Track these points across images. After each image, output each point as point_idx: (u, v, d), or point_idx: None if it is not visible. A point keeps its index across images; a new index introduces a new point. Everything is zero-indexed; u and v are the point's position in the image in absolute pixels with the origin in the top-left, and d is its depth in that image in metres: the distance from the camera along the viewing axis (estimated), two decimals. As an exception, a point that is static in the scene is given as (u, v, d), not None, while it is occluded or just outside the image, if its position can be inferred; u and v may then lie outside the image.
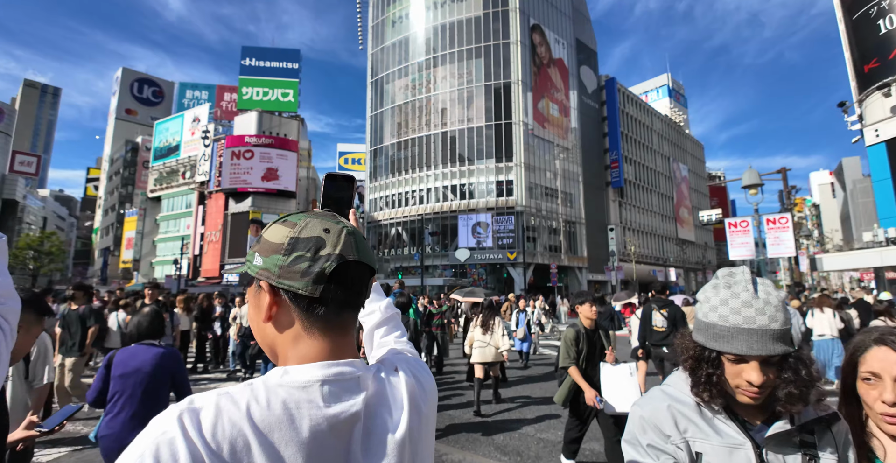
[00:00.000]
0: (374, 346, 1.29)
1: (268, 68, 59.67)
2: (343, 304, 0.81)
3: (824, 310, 8.83)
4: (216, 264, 50.21)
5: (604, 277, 50.55)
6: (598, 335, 4.60)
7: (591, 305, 4.53)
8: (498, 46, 45.48)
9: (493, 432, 5.91)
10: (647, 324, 6.53)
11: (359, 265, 0.82)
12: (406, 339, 1.29)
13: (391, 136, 50.23)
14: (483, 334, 7.18)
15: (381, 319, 1.31)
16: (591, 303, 4.54)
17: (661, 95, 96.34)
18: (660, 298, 6.72)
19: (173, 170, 60.92)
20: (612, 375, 4.23)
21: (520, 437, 5.71)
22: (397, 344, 1.24)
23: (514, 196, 42.85)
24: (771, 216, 13.61)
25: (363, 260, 0.83)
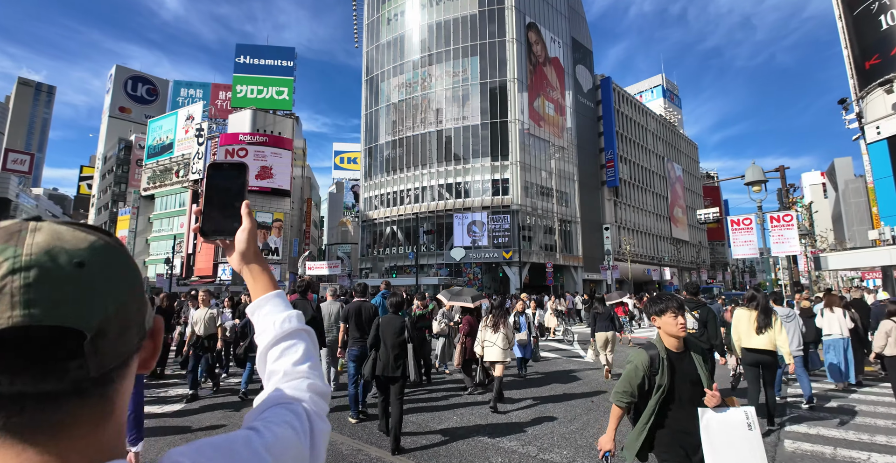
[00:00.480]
0: (265, 373, 0.91)
1: (262, 66, 59.19)
2: (20, 396, 0.46)
3: (834, 310, 8.69)
4: (210, 263, 49.76)
5: (599, 277, 50.38)
6: (692, 362, 2.97)
7: (676, 315, 2.93)
8: (493, 44, 45.24)
9: (491, 453, 5.31)
10: None
11: (37, 329, 0.45)
12: (308, 367, 0.89)
13: (386, 135, 49.92)
14: (493, 334, 7.45)
15: (275, 336, 0.92)
16: (675, 312, 2.94)
17: (656, 96, 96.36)
18: (691, 299, 6.68)
19: (167, 168, 60.38)
20: (718, 425, 2.75)
21: (521, 458, 5.17)
22: (287, 380, 0.86)
23: (510, 195, 42.60)
24: (775, 214, 13.33)
25: (27, 322, 0.45)
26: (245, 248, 0.97)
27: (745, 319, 6.19)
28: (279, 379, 0.86)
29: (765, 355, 5.95)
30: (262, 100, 57.67)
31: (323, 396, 0.86)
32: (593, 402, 7.32)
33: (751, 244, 14.04)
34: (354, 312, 6.87)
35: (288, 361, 0.89)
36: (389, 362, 5.46)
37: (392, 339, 5.55)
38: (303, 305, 7.03)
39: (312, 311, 7.14)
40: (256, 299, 0.96)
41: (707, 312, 6.33)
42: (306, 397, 0.82)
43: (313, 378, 0.87)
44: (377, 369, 5.49)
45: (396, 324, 5.68)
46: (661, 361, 2.90)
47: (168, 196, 60.23)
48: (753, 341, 6.01)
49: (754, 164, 14.09)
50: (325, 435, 0.78)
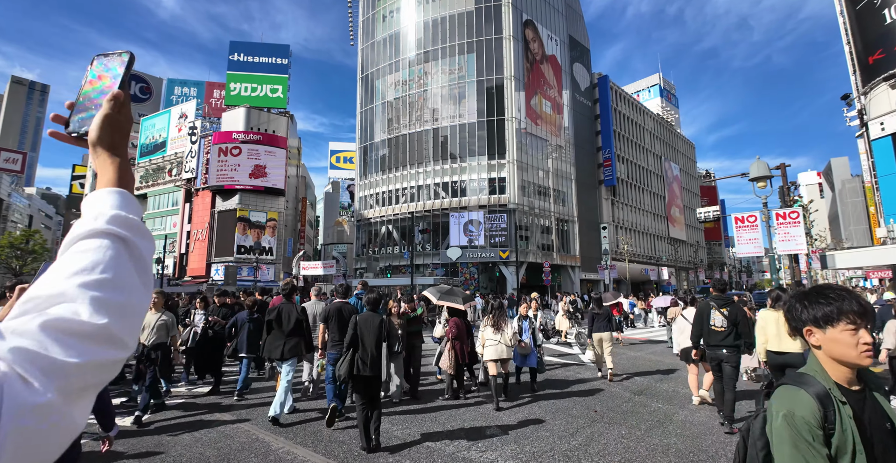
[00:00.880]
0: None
1: (256, 64, 58.59)
2: None
3: None
4: (203, 263, 49.15)
5: (596, 276, 49.94)
6: (876, 405, 1.60)
7: (857, 326, 1.56)
8: (490, 42, 44.71)
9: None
10: (704, 323, 6.23)
11: None
12: (79, 287, 0.60)
13: (381, 133, 49.34)
14: (494, 334, 7.63)
15: (71, 238, 0.68)
16: (856, 322, 1.56)
17: (653, 95, 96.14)
18: (720, 296, 6.38)
19: (159, 167, 59.69)
20: None
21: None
22: (26, 312, 0.57)
23: (507, 194, 42.10)
24: (781, 211, 12.84)
25: None
26: (95, 133, 0.82)
27: (772, 321, 6.01)
28: (28, 306, 0.58)
29: (795, 359, 5.78)
30: (256, 98, 57.07)
31: (76, 336, 0.56)
32: (596, 412, 6.78)
33: (755, 242, 13.54)
34: (335, 314, 6.56)
35: (59, 275, 0.62)
36: (368, 362, 5.24)
37: (370, 337, 5.34)
38: (287, 308, 6.76)
39: (297, 314, 6.83)
40: (90, 194, 0.81)
41: (737, 310, 6.07)
42: (16, 346, 0.53)
43: (69, 307, 0.58)
44: (355, 369, 5.23)
45: (374, 322, 5.45)
46: (837, 407, 1.54)
47: (161, 195, 59.55)
48: (784, 344, 5.85)
49: (759, 159, 13.60)
50: (25, 416, 0.50)
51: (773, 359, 5.99)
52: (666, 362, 11.70)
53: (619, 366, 9.84)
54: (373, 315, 5.60)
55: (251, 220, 49.23)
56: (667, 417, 6.49)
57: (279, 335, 6.63)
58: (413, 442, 5.61)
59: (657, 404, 7.28)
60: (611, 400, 7.47)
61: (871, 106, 20.20)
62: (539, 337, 8.86)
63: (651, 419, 6.39)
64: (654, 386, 8.76)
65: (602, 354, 9.53)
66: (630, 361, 11.87)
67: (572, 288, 46.53)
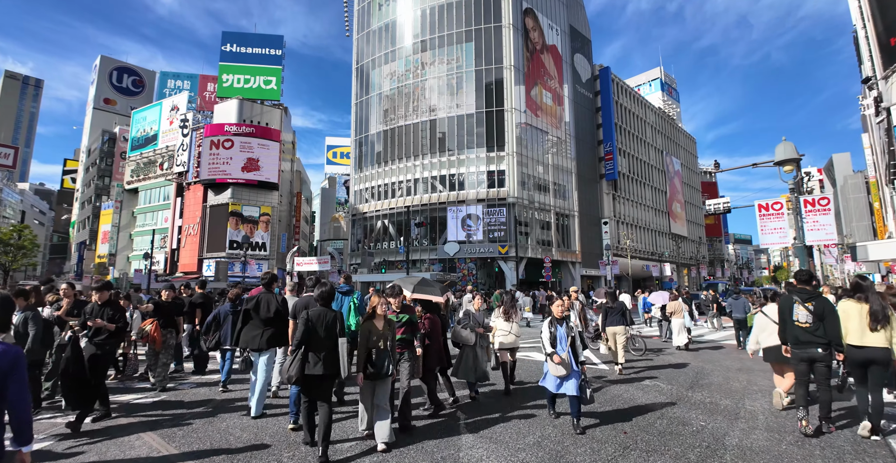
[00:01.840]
0: None
1: (250, 55, 57.21)
2: None
3: None
4: (195, 259, 48.02)
5: (597, 272, 48.81)
6: None
7: None
8: (489, 30, 43.36)
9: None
10: (787, 319, 5.88)
11: None
12: None
13: (377, 125, 48.03)
14: (505, 323, 8.15)
15: None
16: None
17: (654, 89, 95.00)
18: (803, 289, 5.88)
19: (151, 160, 58.43)
20: None
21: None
22: None
23: (506, 187, 40.87)
24: (809, 197, 11.67)
25: None
26: None
27: (855, 313, 5.56)
28: None
29: (878, 353, 5.36)
30: (250, 89, 55.75)
31: None
32: (626, 434, 5.46)
33: (781, 232, 12.35)
34: (304, 308, 5.96)
35: None
36: (320, 360, 4.93)
37: (323, 334, 5.01)
38: (266, 297, 6.52)
39: (277, 304, 6.59)
40: None
41: (823, 304, 5.63)
42: None
43: None
44: (306, 368, 4.90)
45: (327, 318, 5.10)
46: None
47: (152, 189, 58.36)
48: (867, 338, 5.41)
49: (785, 140, 12.41)
50: None
51: (854, 354, 5.53)
52: (672, 358, 11.58)
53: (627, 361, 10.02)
54: (325, 310, 5.19)
55: (244, 215, 48.04)
56: (717, 440, 5.20)
57: (257, 324, 6.39)
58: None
59: (698, 420, 6.01)
60: (640, 416, 6.16)
61: (892, 90, 19.02)
62: (580, 350, 5.95)
63: (698, 443, 5.09)
64: (685, 395, 7.47)
65: (615, 348, 9.71)
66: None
67: (573, 284, 45.43)
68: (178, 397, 7.53)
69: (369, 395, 5.28)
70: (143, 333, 8.11)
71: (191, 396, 7.64)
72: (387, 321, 5.38)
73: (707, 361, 11.13)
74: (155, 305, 8.46)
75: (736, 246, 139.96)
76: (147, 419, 6.23)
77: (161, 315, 8.44)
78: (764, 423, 5.97)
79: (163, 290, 9.21)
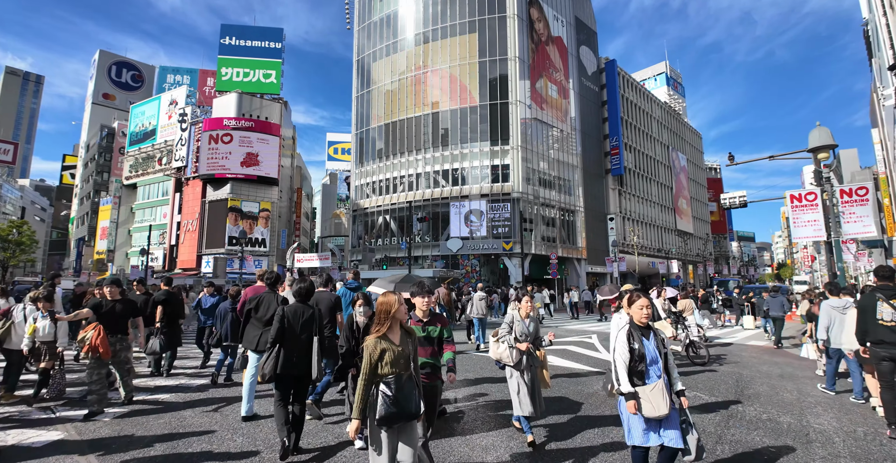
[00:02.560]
0: None
1: (249, 48, 56.32)
2: None
3: None
4: (193, 255, 47.27)
5: (603, 269, 47.84)
6: None
7: None
8: (493, 20, 42.27)
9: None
10: (869, 318, 5.44)
11: None
12: None
13: (378, 119, 47.04)
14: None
15: None
16: None
17: (659, 83, 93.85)
18: (886, 286, 5.36)
19: (149, 155, 57.58)
20: None
21: None
22: None
23: (511, 182, 39.88)
24: (846, 187, 10.71)
25: None
26: None
27: None
28: None
29: None
30: (249, 83, 54.92)
31: None
32: None
33: (815, 225, 11.36)
34: (316, 305, 5.56)
35: None
36: (294, 359, 4.73)
37: (299, 332, 4.82)
38: (268, 298, 6.18)
39: (278, 304, 6.11)
40: None
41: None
42: None
43: None
44: (280, 367, 4.68)
45: (304, 315, 4.91)
46: None
47: (151, 185, 57.52)
48: None
49: (819, 125, 11.42)
50: None
51: None
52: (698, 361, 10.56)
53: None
54: (303, 307, 4.98)
55: (243, 211, 47.20)
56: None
57: (258, 325, 6.17)
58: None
59: (765, 444, 5.02)
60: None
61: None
62: (676, 375, 3.81)
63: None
64: (736, 411, 6.47)
65: None
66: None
67: (578, 281, 44.48)
68: (141, 425, 5.77)
69: (388, 455, 3.24)
70: (84, 342, 6.21)
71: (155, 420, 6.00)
72: (405, 333, 3.53)
73: (741, 366, 10.20)
74: (94, 308, 6.58)
75: (739, 244, 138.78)
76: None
77: (107, 318, 6.59)
78: (845, 448, 5.00)
79: (134, 282, 8.71)
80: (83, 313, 6.58)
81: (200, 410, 6.51)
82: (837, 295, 7.83)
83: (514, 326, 5.30)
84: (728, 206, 21.47)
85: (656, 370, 3.67)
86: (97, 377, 6.19)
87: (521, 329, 5.30)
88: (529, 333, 5.33)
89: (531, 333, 5.35)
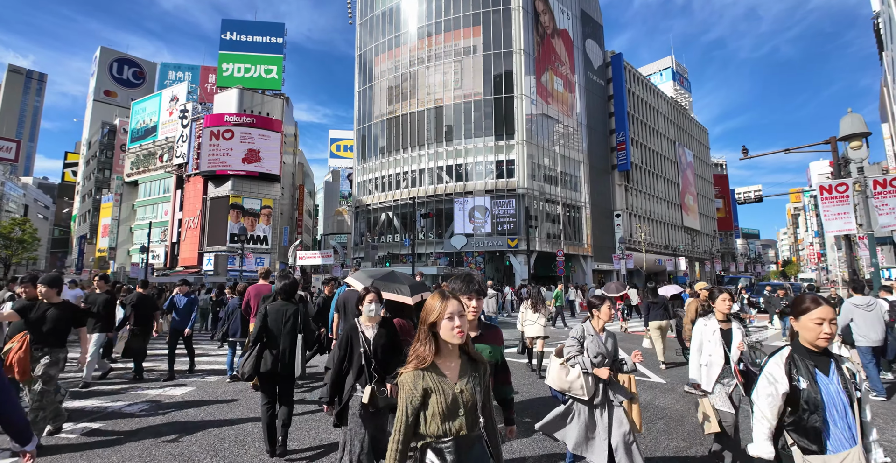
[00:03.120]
0: None
1: (250, 43, 55.61)
2: None
3: None
4: (195, 252, 46.86)
5: (609, 266, 47.08)
6: None
7: None
8: (498, 13, 41.48)
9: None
10: None
11: None
12: None
13: (380, 114, 46.35)
14: (533, 314, 8.90)
15: None
16: None
17: (665, 78, 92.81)
18: None
19: (150, 152, 57.11)
20: None
21: None
22: None
23: (516, 177, 39.16)
24: (880, 177, 10.00)
25: None
26: None
27: None
28: None
29: None
30: (250, 79, 54.22)
31: None
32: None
33: (845, 218, 10.68)
34: (344, 302, 5.92)
35: None
36: (277, 357, 4.56)
37: (280, 330, 4.65)
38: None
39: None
40: None
41: None
42: None
43: None
44: (262, 366, 4.54)
45: (287, 313, 4.73)
46: None
47: (152, 182, 57.08)
48: None
49: (851, 112, 10.70)
50: None
51: None
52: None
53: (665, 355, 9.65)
54: (285, 304, 4.80)
55: (244, 208, 46.69)
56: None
57: None
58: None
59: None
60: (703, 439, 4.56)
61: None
62: (875, 444, 2.29)
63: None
64: None
65: (660, 341, 9.73)
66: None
67: (584, 279, 43.77)
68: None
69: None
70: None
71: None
72: (469, 360, 2.09)
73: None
74: (21, 311, 4.96)
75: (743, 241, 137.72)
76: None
77: (35, 327, 4.92)
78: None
79: (95, 277, 7.95)
80: (3, 315, 5.18)
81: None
82: (861, 292, 7.78)
83: (585, 342, 3.79)
84: (743, 200, 20.80)
85: (844, 427, 2.23)
86: (38, 398, 4.89)
87: (596, 347, 3.71)
88: (608, 353, 3.74)
89: (610, 353, 3.76)
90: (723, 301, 4.21)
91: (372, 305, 3.79)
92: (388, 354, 3.76)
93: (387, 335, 3.80)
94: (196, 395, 7.16)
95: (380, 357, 3.70)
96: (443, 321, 1.98)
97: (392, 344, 3.80)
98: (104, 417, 5.93)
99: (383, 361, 3.70)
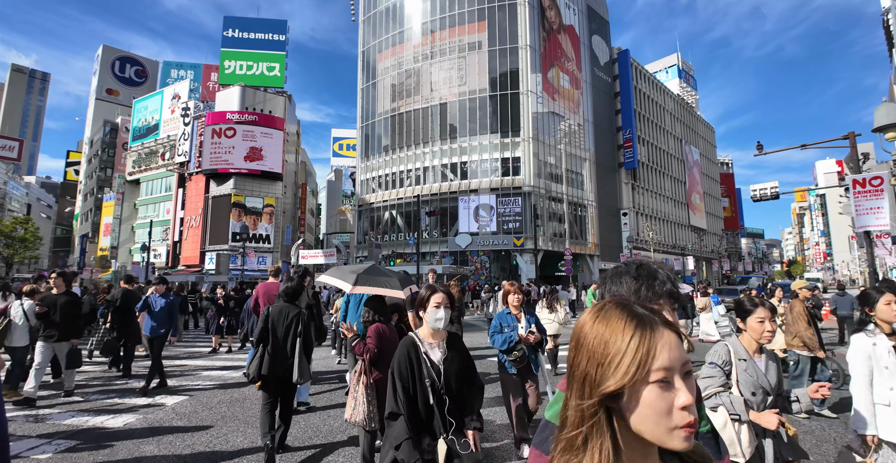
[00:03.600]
0: None
1: (252, 40, 55.14)
2: None
3: None
4: (197, 251, 46.47)
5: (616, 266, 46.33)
6: None
7: None
8: (503, 8, 40.82)
9: None
10: None
11: None
12: None
13: (383, 111, 45.78)
14: (549, 314, 8.92)
15: None
16: None
17: (671, 76, 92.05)
18: None
19: (152, 151, 56.71)
20: None
21: None
22: None
23: (521, 175, 38.52)
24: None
25: None
26: None
27: None
28: None
29: None
30: (252, 76, 53.74)
31: None
32: None
33: (879, 212, 10.06)
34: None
35: None
36: (275, 360, 4.44)
37: (281, 333, 4.53)
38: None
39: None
40: None
41: None
42: None
43: None
44: (264, 368, 4.40)
45: (289, 316, 4.61)
46: None
47: (154, 180, 56.67)
48: None
49: (886, 101, 10.07)
50: None
51: None
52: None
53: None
54: (288, 307, 4.72)
55: (247, 206, 46.19)
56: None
57: None
58: None
59: None
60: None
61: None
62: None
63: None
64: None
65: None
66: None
67: (590, 279, 43.09)
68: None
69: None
70: None
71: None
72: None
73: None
74: None
75: (749, 240, 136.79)
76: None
77: None
78: None
79: (53, 274, 7.24)
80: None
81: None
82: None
83: (733, 371, 2.46)
84: (759, 197, 20.14)
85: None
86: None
87: (753, 380, 2.42)
88: (772, 387, 2.45)
89: (774, 388, 2.46)
90: (886, 304, 3.04)
91: (440, 312, 2.58)
92: (463, 387, 2.61)
93: (460, 359, 2.62)
94: (189, 405, 6.57)
95: (454, 392, 2.53)
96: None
97: (466, 371, 2.65)
98: (80, 434, 5.33)
99: (457, 398, 2.54)
